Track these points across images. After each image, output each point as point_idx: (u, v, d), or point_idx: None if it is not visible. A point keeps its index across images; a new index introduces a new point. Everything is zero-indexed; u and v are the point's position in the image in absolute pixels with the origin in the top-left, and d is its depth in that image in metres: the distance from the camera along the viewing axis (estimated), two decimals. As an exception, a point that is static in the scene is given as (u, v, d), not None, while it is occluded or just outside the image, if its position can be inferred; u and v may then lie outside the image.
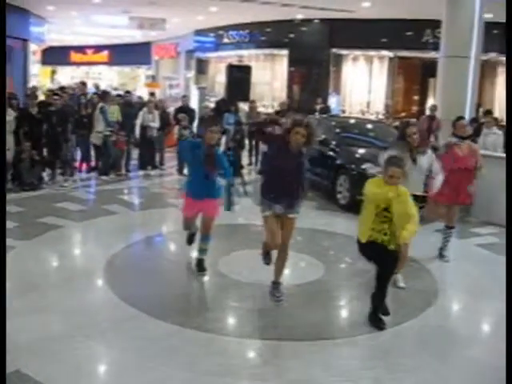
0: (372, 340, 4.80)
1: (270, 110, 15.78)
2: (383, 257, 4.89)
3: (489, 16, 12.56)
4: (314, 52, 19.04)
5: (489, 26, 12.46)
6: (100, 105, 11.06)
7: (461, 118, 7.36)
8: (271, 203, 5.29)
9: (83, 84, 15.18)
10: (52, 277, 5.98)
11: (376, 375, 4.17)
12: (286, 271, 6.13)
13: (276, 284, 5.49)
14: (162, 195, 10.17)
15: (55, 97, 10.63)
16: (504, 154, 9.70)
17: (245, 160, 12.92)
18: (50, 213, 8.11)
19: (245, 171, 11.75)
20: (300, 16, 18.38)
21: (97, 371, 4.24)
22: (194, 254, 6.32)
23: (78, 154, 11.26)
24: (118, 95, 13.47)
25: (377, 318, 4.98)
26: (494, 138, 9.77)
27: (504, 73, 18.88)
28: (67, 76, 33.74)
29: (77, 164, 11.29)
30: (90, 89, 18.67)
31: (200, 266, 6.11)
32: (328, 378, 4.12)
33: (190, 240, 6.43)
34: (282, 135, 5.31)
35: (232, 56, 21.92)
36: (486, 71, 17.40)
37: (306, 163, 5.36)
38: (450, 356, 4.57)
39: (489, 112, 11.00)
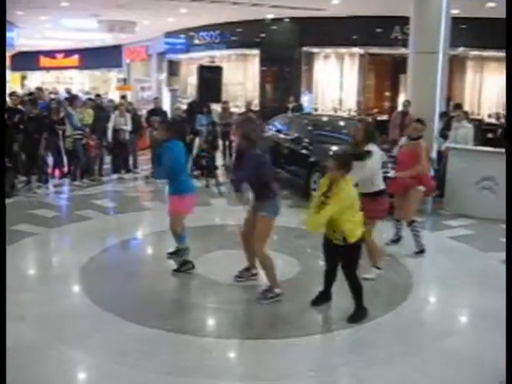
0: (349, 335, 4.84)
1: (244, 110, 15.75)
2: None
3: (456, 12, 12.72)
4: (285, 51, 19.09)
5: (456, 22, 12.61)
6: (67, 109, 10.98)
7: (419, 120, 7.39)
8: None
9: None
10: (27, 284, 5.90)
11: (353, 370, 4.21)
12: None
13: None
14: (136, 199, 10.11)
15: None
16: (474, 146, 9.88)
17: (219, 161, 12.90)
18: (24, 220, 8.01)
19: (219, 172, 11.77)
20: (270, 15, 18.41)
21: (74, 378, 4.19)
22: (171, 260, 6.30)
23: (50, 160, 11.12)
24: (89, 99, 13.36)
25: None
26: (464, 131, 9.89)
27: (473, 67, 19.20)
28: (38, 81, 33.34)
29: (49, 170, 11.18)
30: (62, 93, 18.48)
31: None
32: (305, 373, 4.14)
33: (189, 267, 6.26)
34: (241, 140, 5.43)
35: (203, 57, 21.88)
36: (455, 66, 17.64)
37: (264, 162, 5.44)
38: (426, 348, 4.62)
39: (458, 106, 11.13)
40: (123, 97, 15.07)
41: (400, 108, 13.15)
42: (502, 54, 18.32)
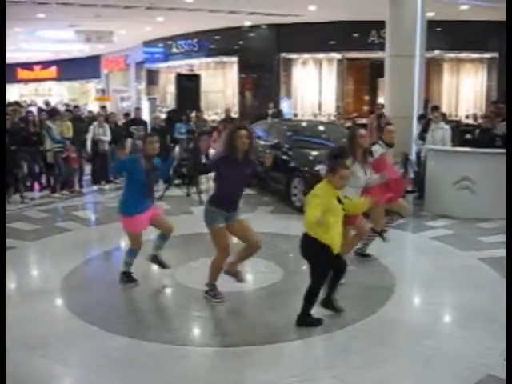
0: (331, 339, 4.84)
1: (223, 117, 15.75)
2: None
3: (431, 14, 12.87)
4: (263, 57, 19.17)
5: (432, 25, 12.75)
6: (46, 123, 10.91)
7: (389, 123, 7.25)
8: (223, 213, 5.36)
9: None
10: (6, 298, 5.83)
11: (336, 373, 4.20)
12: (247, 276, 6.16)
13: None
14: (117, 209, 10.02)
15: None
16: (452, 147, 9.97)
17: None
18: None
19: (201, 180, 11.74)
20: (248, 23, 18.49)
21: (55, 392, 4.15)
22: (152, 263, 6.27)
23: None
24: (68, 110, 13.29)
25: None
26: (441, 132, 9.99)
27: (449, 69, 19.41)
28: (16, 94, 33.06)
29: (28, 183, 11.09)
30: (38, 105, 18.34)
31: (158, 260, 6.20)
32: (288, 379, 4.12)
33: (132, 278, 6.08)
34: (225, 147, 5.34)
35: (182, 65, 21.87)
36: (431, 68, 17.83)
37: (255, 169, 5.54)
38: (410, 348, 4.64)
39: (436, 108, 11.24)
40: (103, 107, 15.02)
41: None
42: (477, 55, 18.69)
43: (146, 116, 16.13)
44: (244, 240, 5.57)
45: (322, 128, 11.98)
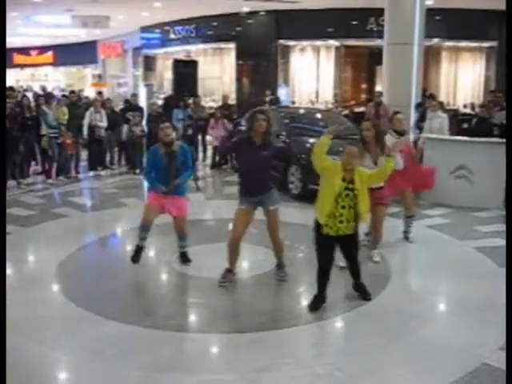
0: (327, 326, 4.86)
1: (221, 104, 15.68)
2: None
3: (430, 2, 12.81)
4: (261, 44, 19.05)
5: (430, 13, 12.69)
6: (41, 108, 10.85)
7: (398, 112, 7.31)
8: (247, 198, 5.57)
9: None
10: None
11: (332, 360, 4.21)
12: (243, 263, 6.18)
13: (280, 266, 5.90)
14: (114, 195, 10.01)
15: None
16: (450, 136, 9.96)
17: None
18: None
19: (197, 167, 11.73)
20: (246, 9, 18.35)
21: (52, 378, 4.14)
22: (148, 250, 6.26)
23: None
24: (64, 95, 13.21)
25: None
26: (439, 121, 9.96)
27: (447, 57, 19.36)
28: (12, 79, 32.85)
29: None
30: (33, 91, 18.21)
31: (184, 257, 6.23)
32: (284, 366, 4.13)
33: (137, 257, 6.06)
34: (246, 132, 5.63)
35: (179, 51, 21.74)
36: (430, 57, 17.77)
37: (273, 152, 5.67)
38: (405, 336, 4.65)
39: (432, 96, 11.18)
40: (100, 93, 14.92)
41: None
42: (476, 44, 18.62)
43: (143, 102, 16.04)
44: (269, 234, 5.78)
45: (319, 115, 11.94)
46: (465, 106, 17.79)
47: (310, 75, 19.81)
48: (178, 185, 6.00)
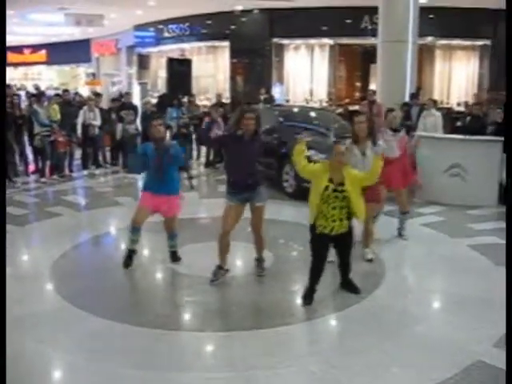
0: (321, 324, 4.85)
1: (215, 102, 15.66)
2: None
3: (424, 1, 12.82)
4: (255, 42, 19.06)
5: (424, 11, 12.72)
6: (32, 107, 10.82)
7: (392, 109, 7.36)
8: (236, 195, 5.53)
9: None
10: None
11: (326, 359, 4.21)
12: (237, 262, 6.18)
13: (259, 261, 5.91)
14: (107, 194, 9.98)
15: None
16: (443, 134, 9.98)
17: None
18: (-9, 218, 7.85)
19: (192, 165, 11.73)
20: (240, 7, 18.35)
21: (49, 376, 4.13)
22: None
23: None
24: (57, 94, 13.16)
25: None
26: (433, 119, 9.99)
27: (441, 56, 19.40)
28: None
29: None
30: (26, 90, 18.11)
31: (174, 257, 6.21)
32: (278, 364, 4.13)
33: (129, 261, 6.03)
34: (233, 128, 5.57)
35: (174, 50, 21.72)
36: (423, 55, 17.80)
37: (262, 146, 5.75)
38: (399, 335, 4.64)
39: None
40: (97, 94, 14.66)
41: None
42: (470, 42, 18.67)
43: (137, 100, 15.99)
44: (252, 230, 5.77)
45: (313, 114, 11.94)
46: (458, 105, 17.83)
47: (305, 74, 19.84)
48: (171, 184, 5.98)
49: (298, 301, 5.28)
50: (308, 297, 5.15)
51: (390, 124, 7.01)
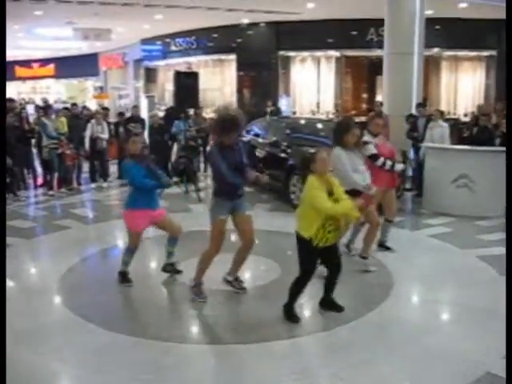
0: (330, 336, 4.83)
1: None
2: None
3: (429, 12, 12.86)
4: (261, 55, 19.15)
5: (430, 23, 12.75)
6: (40, 119, 10.91)
7: (378, 116, 7.40)
8: (227, 204, 5.37)
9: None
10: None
11: (334, 371, 4.19)
12: (245, 273, 6.16)
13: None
14: (115, 207, 10.00)
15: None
16: (451, 145, 9.96)
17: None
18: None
19: (199, 177, 11.76)
20: (246, 20, 18.46)
21: (52, 389, 4.14)
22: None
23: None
24: (65, 108, 13.25)
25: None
26: (440, 130, 9.98)
27: (447, 67, 19.42)
28: (13, 92, 32.98)
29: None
30: (34, 103, 18.23)
31: (172, 268, 6.23)
32: (286, 376, 4.11)
33: (127, 280, 6.01)
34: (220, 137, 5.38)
35: (180, 63, 21.85)
36: (430, 66, 17.84)
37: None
38: (408, 347, 4.62)
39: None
40: (105, 108, 14.70)
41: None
42: (476, 53, 18.69)
43: (144, 114, 16.08)
44: (241, 234, 5.61)
45: (320, 126, 11.96)
46: (465, 115, 17.82)
47: (311, 86, 19.89)
48: (155, 199, 6.02)
49: (306, 313, 5.27)
50: (295, 315, 5.08)
51: (372, 128, 6.92)
